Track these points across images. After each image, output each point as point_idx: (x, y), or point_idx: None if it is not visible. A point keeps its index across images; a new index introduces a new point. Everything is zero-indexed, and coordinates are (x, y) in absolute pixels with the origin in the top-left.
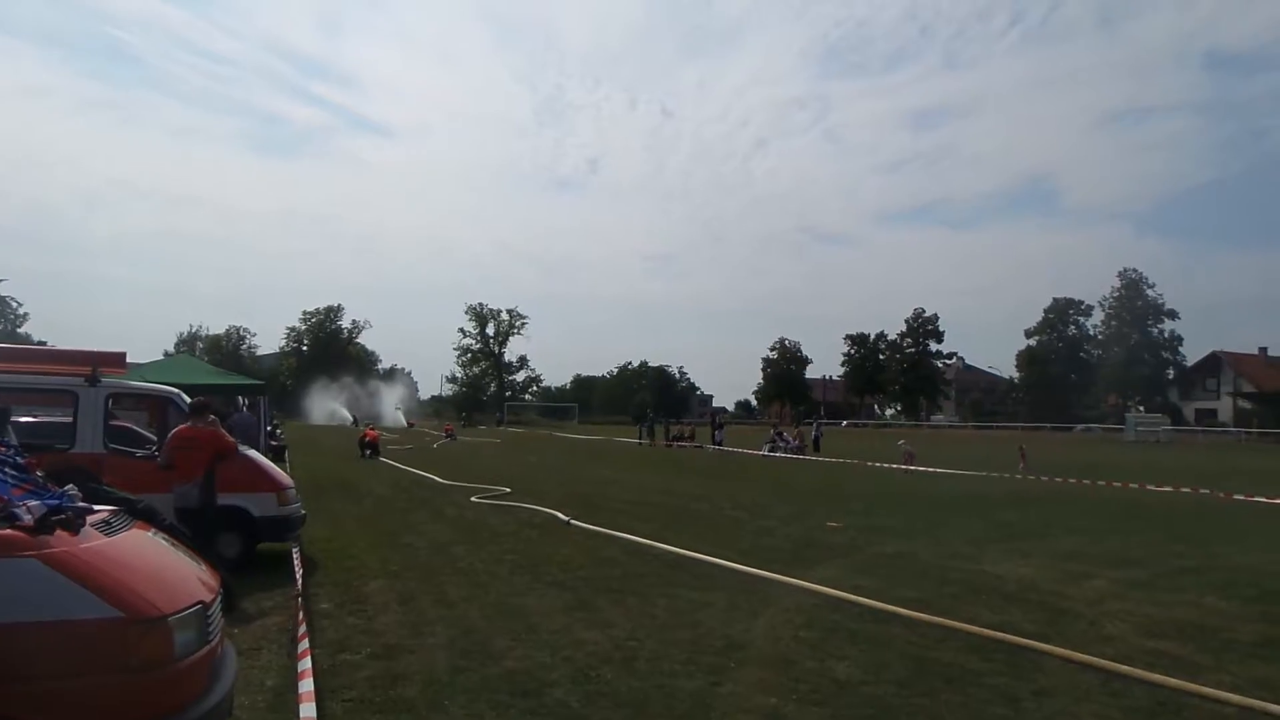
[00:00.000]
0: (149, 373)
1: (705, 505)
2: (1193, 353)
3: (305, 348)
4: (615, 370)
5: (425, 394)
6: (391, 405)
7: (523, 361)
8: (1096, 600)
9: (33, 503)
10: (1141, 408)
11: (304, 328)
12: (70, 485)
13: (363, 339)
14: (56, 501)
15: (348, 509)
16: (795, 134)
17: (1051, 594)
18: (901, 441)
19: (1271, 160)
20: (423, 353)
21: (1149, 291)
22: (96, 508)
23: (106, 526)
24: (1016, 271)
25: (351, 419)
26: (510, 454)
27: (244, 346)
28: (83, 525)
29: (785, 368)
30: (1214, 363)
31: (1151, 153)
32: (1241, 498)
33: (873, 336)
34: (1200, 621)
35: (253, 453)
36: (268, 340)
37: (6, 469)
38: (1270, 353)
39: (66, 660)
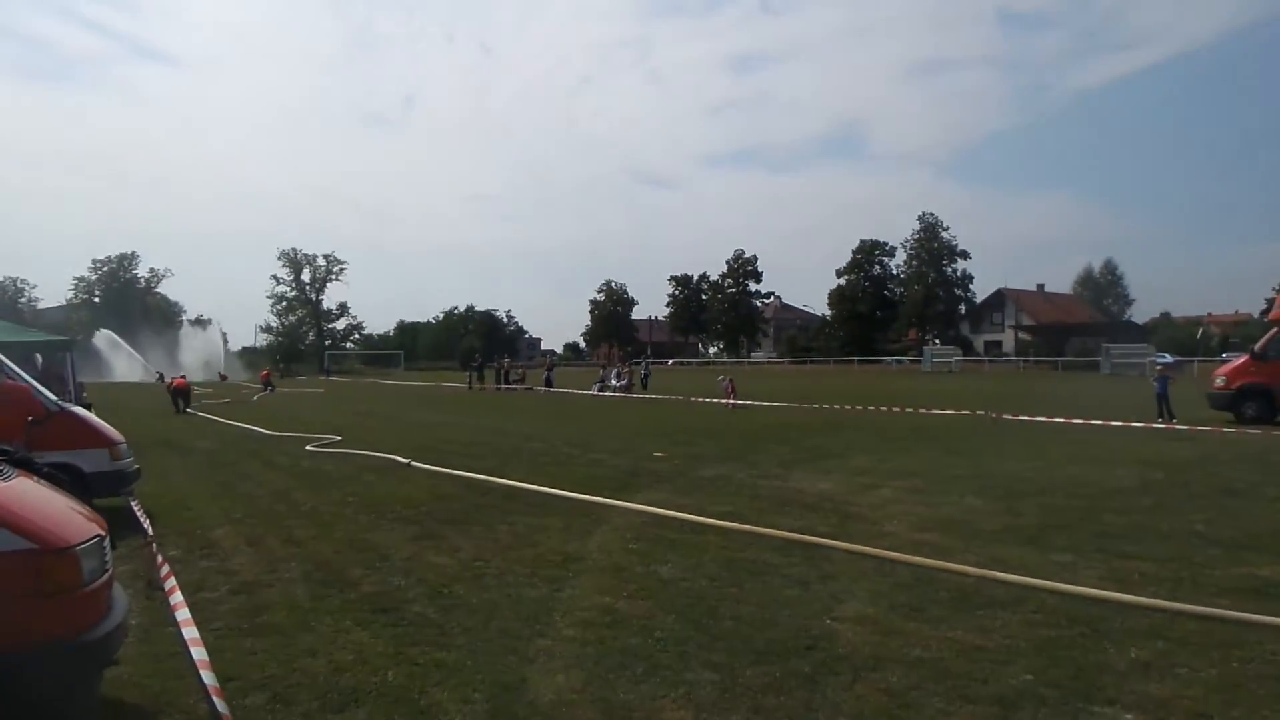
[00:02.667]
0: None
1: (538, 444)
2: (981, 290)
3: (97, 299)
4: (441, 316)
5: (237, 345)
6: (200, 358)
7: (343, 309)
8: (880, 505)
9: None
10: (937, 341)
11: (94, 278)
12: None
13: (163, 289)
14: None
15: (175, 464)
16: (618, 74)
17: (844, 503)
18: (721, 377)
19: (1054, 112)
20: (232, 303)
21: (944, 234)
22: None
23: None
24: (830, 214)
25: (158, 375)
26: (336, 403)
27: (23, 299)
28: None
29: (612, 309)
30: (999, 299)
31: (951, 103)
32: (1009, 417)
33: (696, 278)
34: (959, 518)
35: (78, 408)
36: (51, 292)
37: None
38: (1047, 289)
39: None
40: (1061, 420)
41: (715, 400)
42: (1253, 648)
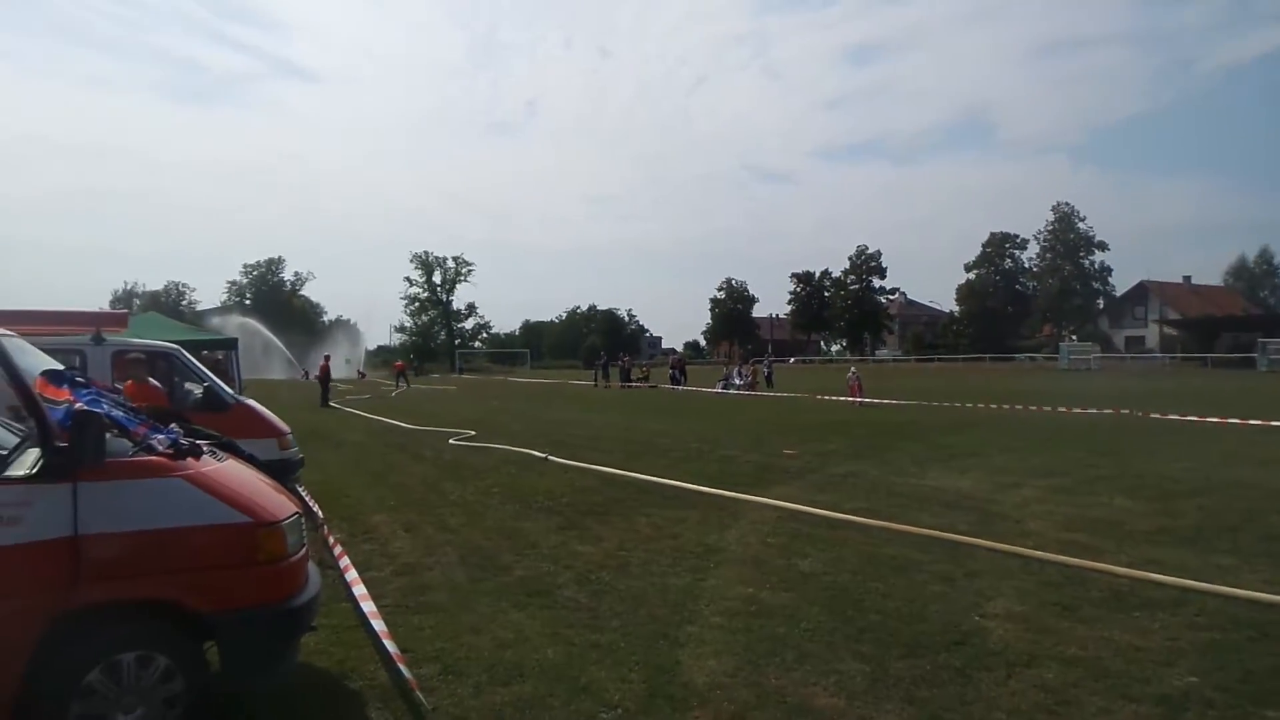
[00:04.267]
0: (127, 332)
1: (667, 440)
2: (1122, 282)
3: (248, 301)
4: (564, 315)
5: (372, 344)
6: (341, 357)
7: (471, 309)
8: (1023, 505)
9: (159, 436)
10: (1074, 337)
11: (245, 281)
12: (173, 425)
13: (306, 291)
14: (175, 436)
15: (330, 455)
16: (735, 71)
17: (984, 501)
18: (851, 370)
19: (1198, 90)
20: (369, 303)
21: (1080, 224)
22: (201, 442)
23: (214, 455)
24: (956, 206)
25: (304, 373)
26: (468, 400)
27: (184, 302)
28: (202, 453)
29: (733, 307)
30: (1141, 292)
31: (1085, 84)
32: (1157, 416)
33: (818, 274)
34: (1108, 518)
35: (252, 402)
36: (208, 295)
37: (127, 410)
38: (1194, 280)
39: (212, 555)
40: (1216, 420)
41: (840, 398)
42: None
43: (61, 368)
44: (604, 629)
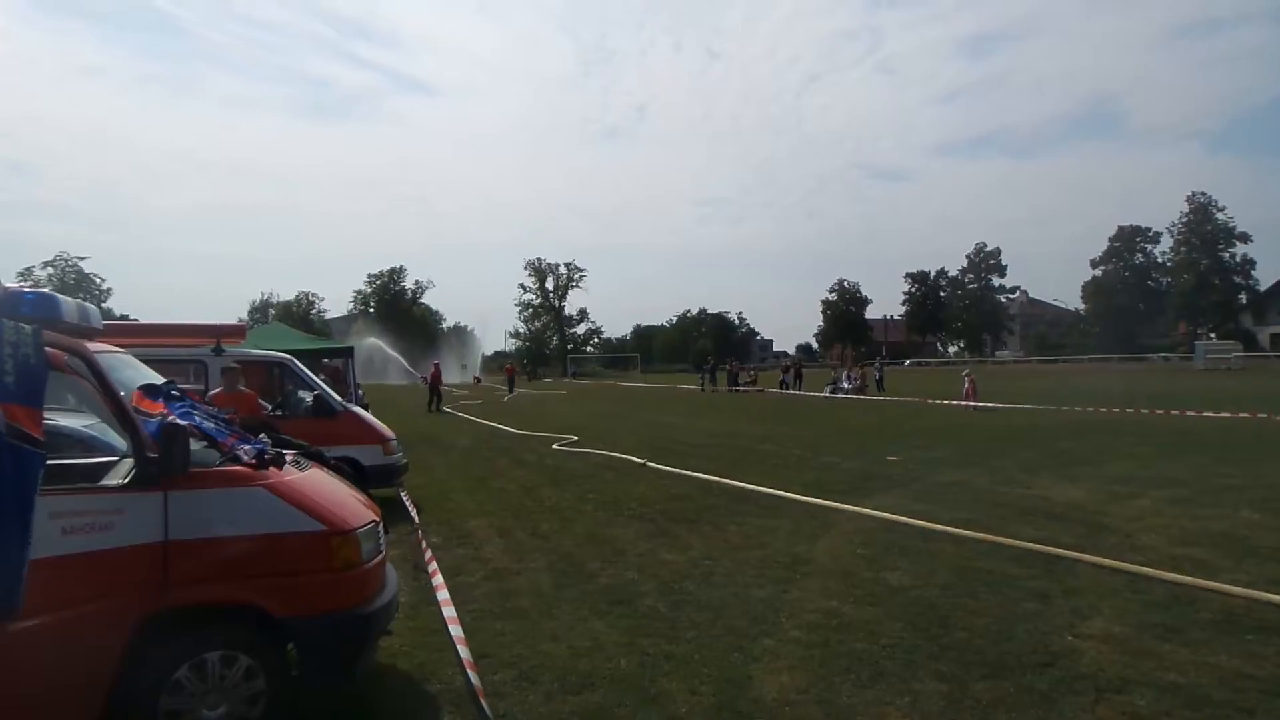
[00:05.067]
0: (245, 343)
1: (770, 446)
2: (1267, 276)
3: (371, 310)
4: (674, 319)
5: (489, 350)
6: (458, 362)
7: (583, 314)
8: (1136, 517)
9: (245, 447)
10: (1213, 335)
11: (369, 290)
12: (262, 435)
13: (426, 299)
14: (261, 447)
15: (437, 459)
16: (846, 68)
17: (1094, 513)
18: (966, 372)
19: None
20: (485, 309)
21: (1219, 215)
22: (285, 452)
23: (297, 464)
24: (1082, 199)
25: (421, 378)
26: (577, 404)
27: (314, 311)
28: (285, 463)
29: (845, 309)
30: None
31: (1222, 67)
32: None
33: (933, 274)
34: (1230, 532)
35: (359, 409)
36: (336, 304)
37: (219, 422)
38: None
39: (290, 561)
40: None
41: (954, 402)
42: None
43: (160, 381)
44: (680, 639)
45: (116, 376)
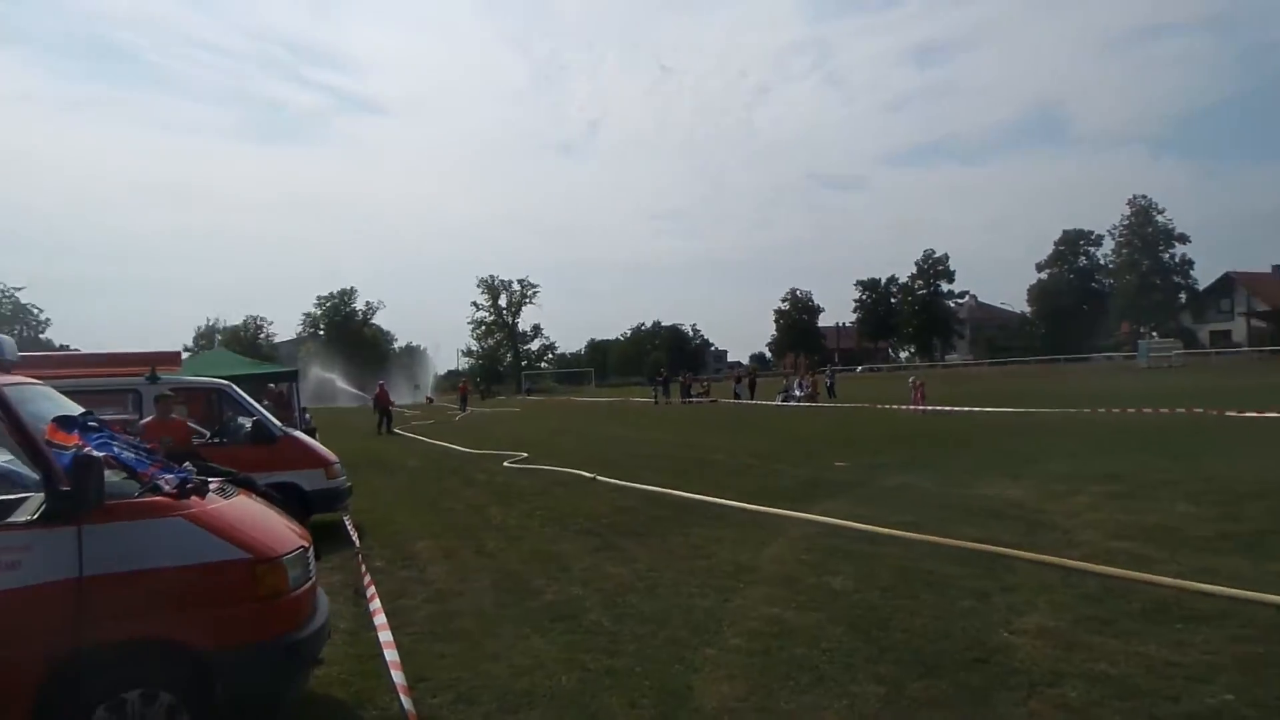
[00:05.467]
0: (185, 369)
1: (720, 456)
2: (1205, 275)
3: (321, 332)
4: (629, 332)
5: (442, 369)
6: (410, 383)
7: (536, 330)
8: (1075, 513)
9: (166, 476)
10: (1154, 334)
11: (319, 313)
12: (186, 462)
13: (377, 319)
14: (184, 475)
15: (385, 482)
16: (796, 80)
17: (1035, 510)
18: (912, 378)
19: None
20: (437, 328)
21: (1159, 217)
22: (210, 479)
23: (222, 492)
24: (1028, 204)
25: (370, 399)
26: (530, 421)
27: (262, 335)
28: (208, 491)
29: (798, 318)
30: (1227, 284)
31: (1161, 72)
32: (1234, 414)
33: (884, 280)
34: (1165, 524)
35: (299, 433)
36: (285, 328)
37: (139, 451)
38: None
39: (213, 592)
40: None
41: (904, 406)
42: None
43: (78, 412)
44: (621, 653)
45: (30, 409)
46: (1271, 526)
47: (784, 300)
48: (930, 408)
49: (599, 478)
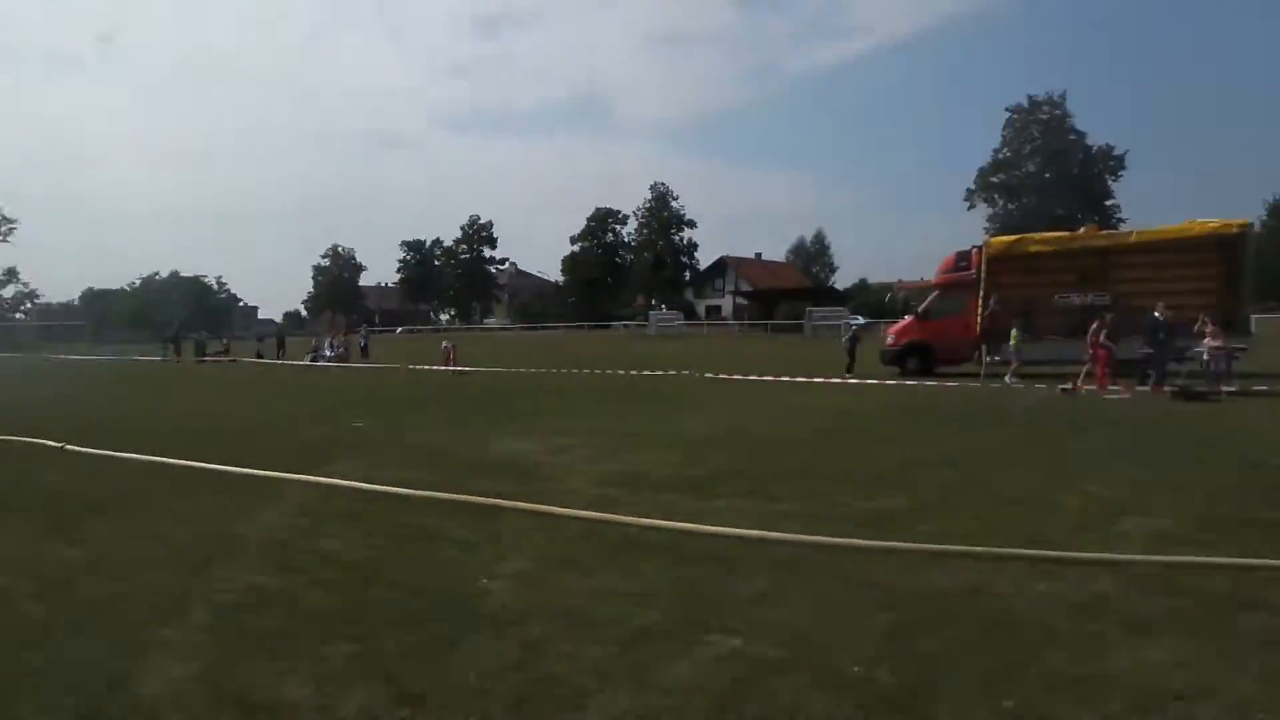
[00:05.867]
0: None
1: (234, 419)
2: (706, 257)
3: None
4: (138, 282)
5: None
6: None
7: (11, 274)
8: (571, 465)
9: None
10: (664, 306)
11: None
12: None
13: None
14: None
15: None
16: (355, 27)
17: (536, 464)
18: (445, 343)
19: (779, 92)
20: None
21: (674, 203)
22: None
23: None
24: (571, 182)
25: None
26: None
27: None
28: None
29: (339, 275)
30: (721, 266)
31: (689, 76)
32: (710, 376)
33: (429, 242)
34: (639, 471)
35: None
36: None
37: None
38: (765, 257)
39: None
40: (771, 379)
41: (437, 367)
42: (863, 571)
43: None
44: (47, 647)
45: None
46: (718, 470)
47: (324, 256)
48: (461, 368)
49: (68, 446)
